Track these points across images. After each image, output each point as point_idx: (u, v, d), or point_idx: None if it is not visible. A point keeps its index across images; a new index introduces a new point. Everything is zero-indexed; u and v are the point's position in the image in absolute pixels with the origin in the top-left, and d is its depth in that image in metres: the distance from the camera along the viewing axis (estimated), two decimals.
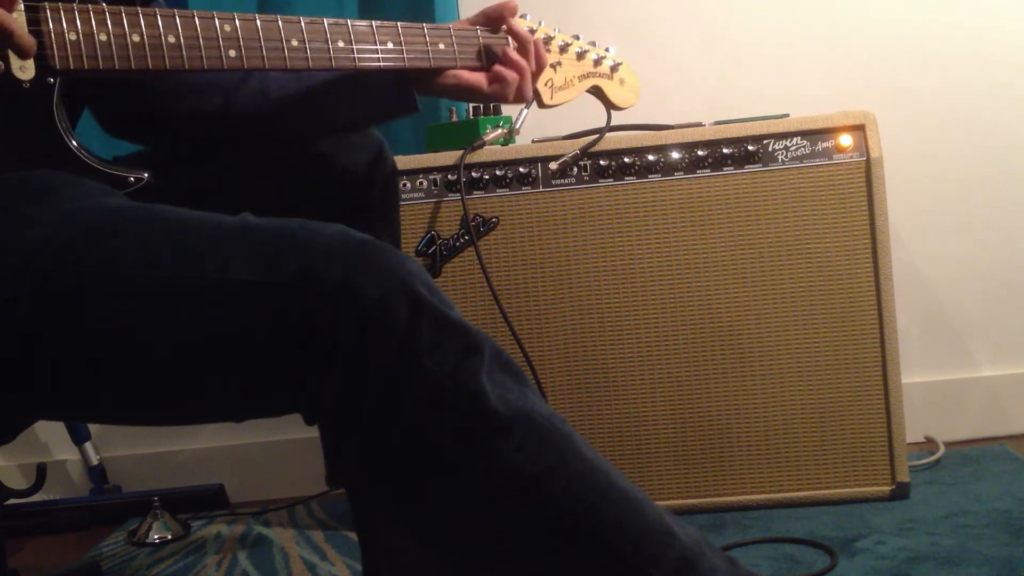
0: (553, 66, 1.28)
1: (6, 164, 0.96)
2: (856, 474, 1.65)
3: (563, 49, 1.30)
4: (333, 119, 1.22)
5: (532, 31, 1.26)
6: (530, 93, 1.22)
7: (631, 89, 1.38)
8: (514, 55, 1.20)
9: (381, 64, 1.12)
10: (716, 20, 2.07)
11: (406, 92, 1.20)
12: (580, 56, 1.32)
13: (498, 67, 1.19)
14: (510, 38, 1.22)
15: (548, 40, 1.28)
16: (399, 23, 1.14)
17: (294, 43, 1.06)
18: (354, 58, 1.10)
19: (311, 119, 1.22)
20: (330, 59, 1.09)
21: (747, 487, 1.68)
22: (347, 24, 1.10)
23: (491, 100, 1.22)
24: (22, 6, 0.92)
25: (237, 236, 0.86)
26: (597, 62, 1.33)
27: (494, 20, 1.21)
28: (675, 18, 2.08)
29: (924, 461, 1.81)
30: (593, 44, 1.34)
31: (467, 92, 1.20)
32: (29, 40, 0.87)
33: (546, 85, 1.27)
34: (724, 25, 2.07)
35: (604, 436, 1.68)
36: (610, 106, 1.38)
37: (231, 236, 0.86)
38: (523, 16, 1.27)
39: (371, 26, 1.12)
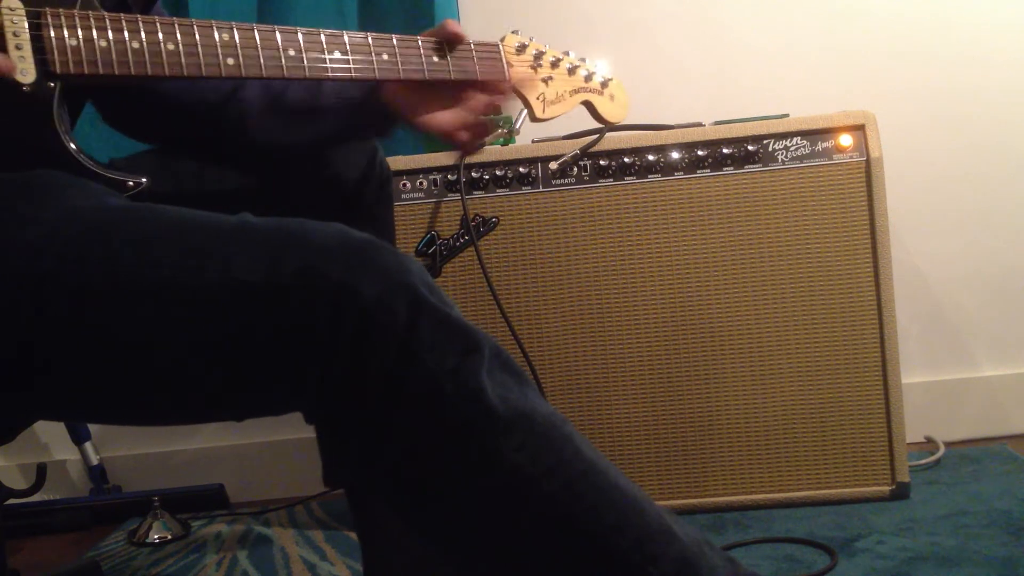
0: (545, 80, 1.29)
1: (6, 165, 0.96)
2: (856, 474, 1.66)
3: (554, 64, 1.30)
4: (315, 145, 1.24)
5: (523, 46, 1.26)
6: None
7: (620, 105, 1.39)
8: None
9: (377, 75, 1.13)
10: (716, 20, 2.07)
11: (385, 124, 1.21)
12: (571, 71, 1.33)
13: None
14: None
15: (539, 55, 1.28)
16: (394, 36, 1.15)
17: (291, 53, 1.07)
18: (351, 69, 1.11)
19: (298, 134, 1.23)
20: (327, 69, 1.09)
21: (747, 487, 1.68)
22: (343, 35, 1.11)
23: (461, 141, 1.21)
24: (23, 12, 0.93)
25: (237, 236, 0.86)
26: (588, 77, 1.34)
27: (448, 40, 1.20)
28: (675, 18, 2.08)
29: (924, 461, 1.81)
30: (583, 60, 1.35)
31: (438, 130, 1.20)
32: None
33: (538, 99, 1.28)
34: (724, 25, 2.07)
35: (603, 436, 1.68)
36: (600, 120, 1.39)
37: (231, 236, 0.86)
38: (515, 31, 1.27)
39: (367, 37, 1.12)
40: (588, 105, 1.36)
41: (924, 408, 2.01)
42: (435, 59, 1.17)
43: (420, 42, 1.16)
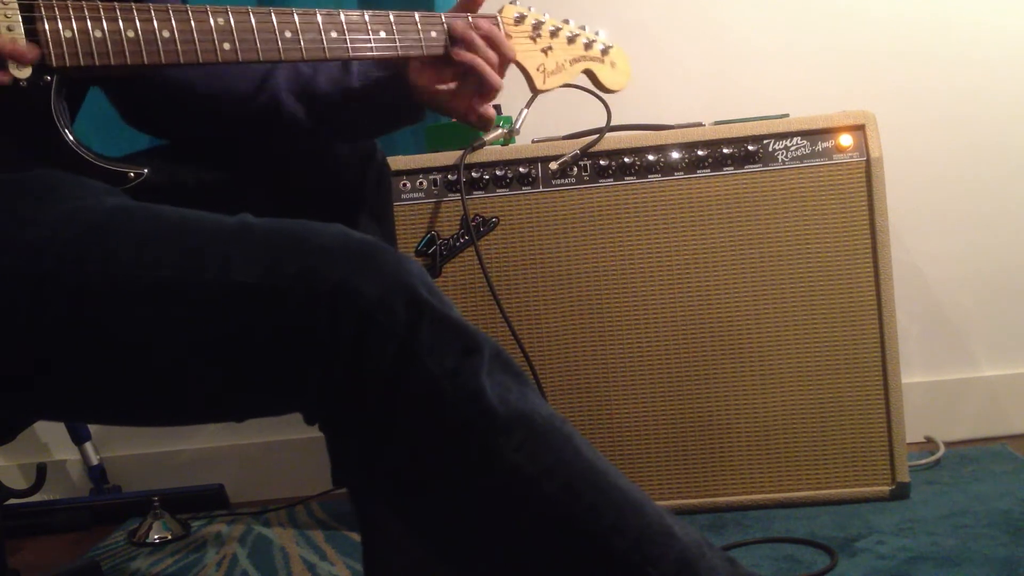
0: (544, 51, 1.28)
1: (4, 163, 0.96)
2: (856, 474, 1.65)
3: (553, 34, 1.29)
4: (347, 133, 1.24)
5: (522, 17, 1.26)
6: (494, 84, 1.19)
7: (622, 72, 1.38)
8: (472, 39, 1.18)
9: (375, 53, 1.13)
10: (716, 20, 2.07)
11: (414, 106, 1.21)
12: (571, 40, 1.31)
13: (455, 52, 1.17)
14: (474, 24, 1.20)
15: (538, 25, 1.27)
16: (391, 12, 1.14)
17: (287, 35, 1.07)
18: (347, 48, 1.11)
19: (325, 130, 1.23)
20: (324, 49, 1.09)
21: (747, 487, 1.68)
22: (339, 15, 1.10)
23: (462, 103, 1.20)
24: (16, 4, 0.93)
25: (237, 237, 0.86)
26: (588, 45, 1.33)
27: (467, 8, 1.21)
28: (675, 18, 2.08)
29: (924, 461, 1.81)
30: (583, 28, 1.34)
31: (437, 99, 1.20)
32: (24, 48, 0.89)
33: (538, 70, 1.27)
34: (724, 25, 2.07)
35: (603, 436, 1.68)
36: (602, 89, 1.37)
37: (231, 237, 0.86)
38: (512, 2, 1.27)
39: (363, 16, 1.12)
40: (589, 74, 1.35)
41: (924, 408, 2.01)
42: (432, 34, 1.17)
43: (417, 17, 1.16)
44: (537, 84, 1.28)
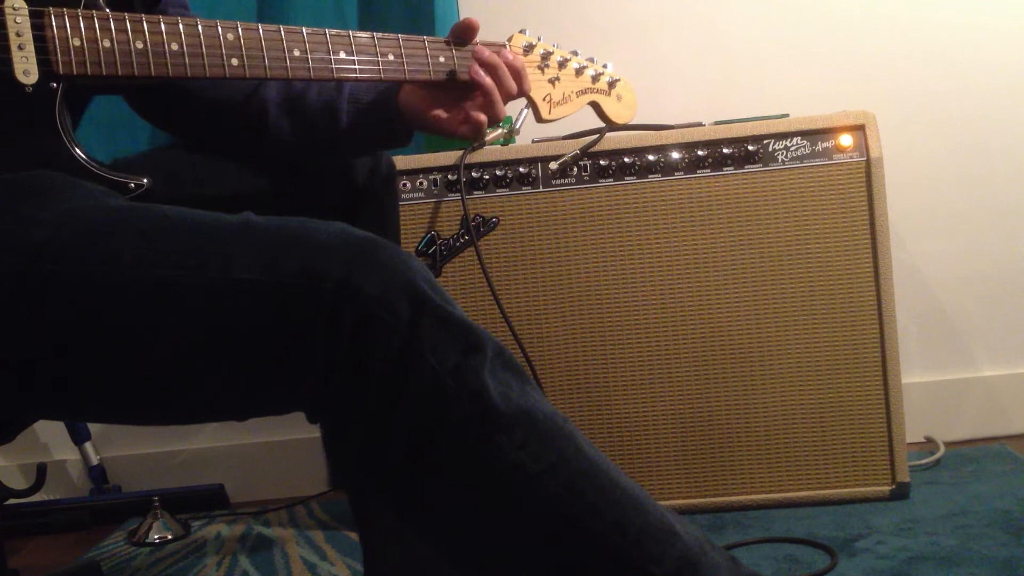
0: (552, 81, 1.28)
1: (7, 166, 0.96)
2: (856, 474, 1.66)
3: (562, 64, 1.30)
4: (333, 151, 1.24)
5: (531, 46, 1.26)
6: (500, 113, 1.21)
7: (628, 105, 1.39)
8: (480, 76, 1.19)
9: (382, 76, 1.13)
10: (716, 20, 2.07)
11: (405, 130, 1.21)
12: (578, 72, 1.32)
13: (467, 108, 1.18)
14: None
15: (547, 55, 1.28)
16: (400, 35, 1.14)
17: (296, 53, 1.06)
18: (356, 69, 1.11)
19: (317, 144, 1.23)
20: (331, 70, 1.09)
21: (747, 487, 1.68)
22: (349, 35, 1.10)
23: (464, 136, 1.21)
24: (26, 11, 0.93)
25: (239, 235, 0.86)
26: (595, 78, 1.33)
27: (463, 35, 1.21)
28: (675, 18, 2.08)
29: (924, 461, 1.81)
30: (591, 60, 1.34)
31: (437, 129, 1.21)
32: None
33: (544, 100, 1.28)
34: (724, 25, 2.07)
35: (604, 436, 1.68)
36: (607, 121, 1.39)
37: (233, 235, 0.86)
38: (522, 31, 1.27)
39: (372, 38, 1.12)
40: (595, 106, 1.36)
41: (924, 408, 2.01)
42: (441, 59, 1.17)
43: (426, 42, 1.16)
44: (543, 114, 1.28)
